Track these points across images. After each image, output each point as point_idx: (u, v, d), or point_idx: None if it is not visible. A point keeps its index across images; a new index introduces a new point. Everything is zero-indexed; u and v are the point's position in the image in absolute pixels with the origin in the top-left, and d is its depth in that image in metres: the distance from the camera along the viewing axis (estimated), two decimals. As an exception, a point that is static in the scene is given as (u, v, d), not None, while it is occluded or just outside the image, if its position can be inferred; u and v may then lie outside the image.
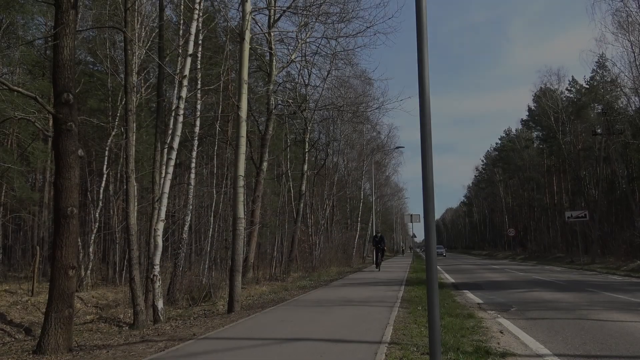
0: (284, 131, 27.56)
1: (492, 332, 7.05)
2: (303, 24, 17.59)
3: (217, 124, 18.94)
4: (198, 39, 13.06)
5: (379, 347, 5.66)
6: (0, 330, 11.31)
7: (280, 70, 19.70)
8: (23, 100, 14.56)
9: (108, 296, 16.07)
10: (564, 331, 7.04)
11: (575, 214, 32.57)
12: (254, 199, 18.74)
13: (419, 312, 8.69)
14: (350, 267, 29.64)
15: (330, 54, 19.68)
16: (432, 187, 4.07)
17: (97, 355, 6.12)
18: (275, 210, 26.49)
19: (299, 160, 27.17)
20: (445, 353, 5.22)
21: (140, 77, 17.97)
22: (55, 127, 6.63)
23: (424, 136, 4.06)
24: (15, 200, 20.35)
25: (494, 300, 11.20)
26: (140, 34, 13.23)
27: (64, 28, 6.56)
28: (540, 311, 9.38)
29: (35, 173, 25.44)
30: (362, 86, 27.17)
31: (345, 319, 8.05)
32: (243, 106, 10.70)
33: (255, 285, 16.62)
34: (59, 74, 6.55)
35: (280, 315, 8.76)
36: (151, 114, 21.53)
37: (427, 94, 4.11)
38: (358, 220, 41.07)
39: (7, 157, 18.84)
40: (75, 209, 6.58)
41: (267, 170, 20.82)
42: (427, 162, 4.05)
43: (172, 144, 11.18)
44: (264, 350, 5.71)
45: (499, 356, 5.36)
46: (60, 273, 6.39)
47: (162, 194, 10.87)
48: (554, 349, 5.84)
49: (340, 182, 37.07)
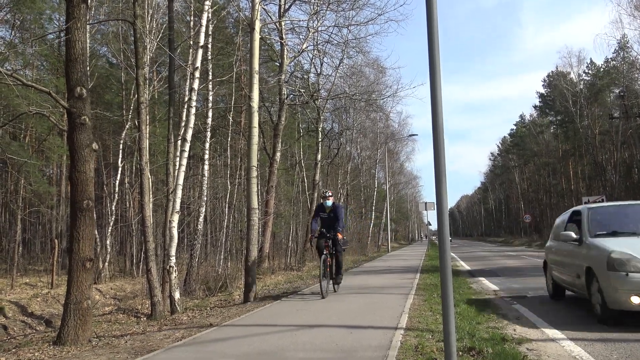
0: (296, 121, 27.57)
1: (508, 318, 7.01)
2: (314, 13, 17.47)
3: (229, 115, 18.99)
4: (209, 30, 13.07)
5: (394, 334, 5.67)
6: (22, 322, 11.53)
7: (292, 60, 19.64)
8: (38, 96, 14.72)
9: (126, 288, 16.29)
10: (580, 317, 6.97)
11: (593, 199, 32.17)
12: (267, 189, 18.77)
13: (434, 299, 8.67)
14: (365, 256, 29.66)
15: (342, 42, 19.53)
16: (444, 174, 4.03)
17: (116, 345, 6.22)
18: (289, 200, 26.57)
19: (312, 150, 27.15)
20: (461, 340, 5.21)
21: (153, 70, 18.03)
22: (69, 121, 6.68)
23: (436, 123, 4.02)
24: (33, 195, 20.64)
25: (510, 287, 11.14)
26: (151, 27, 13.26)
27: (75, 22, 6.58)
28: (556, 297, 9.29)
29: (52, 167, 25.76)
30: (374, 74, 26.99)
31: (360, 307, 8.07)
32: (255, 97, 10.69)
33: (271, 275, 16.72)
34: (72, 68, 6.60)
35: (295, 304, 8.80)
36: (164, 107, 21.65)
37: (439, 81, 4.06)
38: (372, 209, 41.03)
39: (24, 152, 19.09)
40: (91, 202, 6.65)
41: (280, 161, 20.84)
42: (439, 149, 4.02)
43: (185, 135, 11.24)
44: (279, 337, 5.75)
45: (515, 342, 5.33)
46: (78, 265, 6.47)
47: (177, 186, 10.95)
48: (570, 335, 5.80)
49: (353, 171, 37.03)
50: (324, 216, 9.83)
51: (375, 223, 42.75)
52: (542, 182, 62.39)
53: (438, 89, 4.04)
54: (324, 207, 9.85)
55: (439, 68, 4.07)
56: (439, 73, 4.07)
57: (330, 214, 9.79)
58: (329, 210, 9.81)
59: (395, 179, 52.21)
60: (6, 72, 7.11)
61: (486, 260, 23.40)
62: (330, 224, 9.72)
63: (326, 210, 9.83)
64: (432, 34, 4.07)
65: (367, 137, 39.04)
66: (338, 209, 9.78)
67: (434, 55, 4.06)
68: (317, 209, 10.14)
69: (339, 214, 9.69)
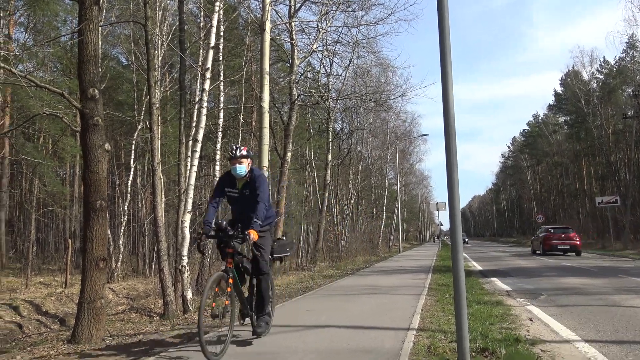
0: (307, 121, 27.57)
1: (521, 319, 6.96)
2: (323, 13, 17.46)
3: (240, 115, 19.04)
4: (220, 31, 13.11)
5: (407, 334, 5.65)
6: (37, 321, 11.66)
7: (302, 60, 19.62)
8: (51, 97, 14.87)
9: (138, 287, 16.40)
10: (595, 318, 6.91)
11: (606, 199, 31.91)
12: (278, 189, 18.76)
13: (446, 299, 8.63)
14: (376, 256, 29.62)
15: (352, 42, 19.51)
16: (456, 174, 4.01)
17: (129, 343, 6.26)
18: (300, 200, 26.59)
19: (322, 150, 27.17)
20: (474, 340, 5.18)
21: (164, 71, 18.15)
22: (82, 122, 6.73)
23: (447, 122, 4.00)
24: (47, 195, 20.86)
25: (523, 288, 11.06)
26: (162, 28, 13.34)
27: (88, 24, 6.64)
28: (570, 298, 9.22)
29: (66, 168, 26.01)
30: (384, 74, 26.93)
31: (372, 307, 8.05)
32: (265, 97, 10.72)
33: (282, 275, 16.74)
34: (84, 69, 6.65)
35: (307, 304, 8.80)
36: (175, 107, 21.78)
37: (450, 80, 4.04)
38: (383, 209, 40.93)
39: (38, 153, 19.30)
40: (104, 202, 6.70)
41: (291, 161, 20.85)
42: (450, 148, 4.00)
43: (196, 136, 11.28)
44: (290, 337, 5.75)
45: (529, 343, 5.29)
46: (92, 265, 6.52)
47: (188, 186, 10.99)
48: (585, 336, 5.75)
49: (364, 171, 36.99)
50: (234, 194, 5.43)
51: (387, 223, 42.63)
52: (555, 182, 61.88)
53: (450, 88, 4.02)
54: (233, 179, 5.40)
55: (450, 68, 4.05)
56: (450, 73, 4.05)
57: (244, 191, 5.37)
58: (243, 182, 5.39)
59: (406, 179, 52.03)
60: (20, 73, 7.19)
61: (498, 260, 23.26)
62: (246, 208, 5.31)
63: (237, 183, 5.41)
64: (444, 34, 4.05)
65: (378, 137, 38.97)
66: (257, 180, 5.31)
67: (445, 55, 4.04)
68: (221, 182, 5.55)
69: (259, 189, 5.27)
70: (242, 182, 5.40)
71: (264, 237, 5.36)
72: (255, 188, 5.28)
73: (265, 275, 5.37)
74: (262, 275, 5.36)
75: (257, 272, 5.36)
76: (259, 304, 5.45)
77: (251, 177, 5.35)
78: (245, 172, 5.32)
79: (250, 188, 5.33)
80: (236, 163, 5.26)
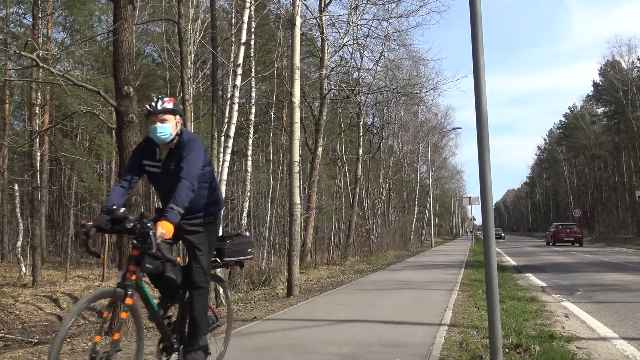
0: (338, 115, 27.54)
1: (556, 316, 6.82)
2: (354, 7, 17.41)
3: (271, 111, 19.14)
4: (251, 27, 13.21)
5: (438, 330, 5.61)
6: (76, 312, 12.01)
7: (333, 55, 19.63)
8: (88, 95, 15.24)
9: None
10: (633, 315, 6.72)
11: (647, 192, 30.87)
12: (309, 184, 18.88)
13: (479, 295, 8.53)
14: (408, 251, 29.46)
15: (383, 35, 19.41)
16: (489, 168, 3.95)
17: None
18: (331, 194, 26.62)
19: (353, 145, 27.12)
20: (507, 337, 5.10)
21: (196, 68, 18.38)
22: (118, 119, 6.89)
23: (480, 116, 3.94)
24: (84, 191, 21.45)
25: (559, 284, 10.83)
26: (194, 26, 13.51)
27: (122, 23, 6.78)
28: (608, 294, 8.99)
29: (102, 164, 26.67)
30: (415, 67, 26.65)
31: (403, 302, 8.02)
32: (296, 92, 10.75)
33: (313, 269, 16.81)
34: (120, 67, 6.80)
35: (338, 298, 8.83)
36: (208, 104, 22.03)
37: (482, 73, 3.98)
38: (415, 203, 40.62)
39: (76, 150, 19.85)
40: (139, 198, 6.85)
41: (322, 156, 20.90)
42: (482, 142, 3.94)
43: (228, 132, 11.42)
44: (321, 331, 5.78)
45: (564, 340, 5.18)
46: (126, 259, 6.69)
47: (220, 181, 11.13)
48: (623, 333, 5.60)
49: (395, 165, 36.75)
50: (155, 169, 3.56)
51: (419, 218, 42.32)
52: (593, 176, 60.23)
53: (482, 81, 3.96)
54: (154, 146, 3.55)
55: (482, 60, 3.98)
56: (482, 65, 3.98)
57: (169, 164, 3.49)
58: (168, 150, 3.52)
59: (439, 173, 51.48)
60: (58, 72, 7.40)
61: (533, 255, 22.81)
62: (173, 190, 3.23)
63: (160, 152, 3.55)
64: (476, 25, 3.99)
65: (409, 131, 38.65)
66: (187, 147, 3.42)
67: (477, 47, 3.97)
68: (137, 152, 3.67)
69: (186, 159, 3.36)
70: (166, 150, 3.52)
71: (203, 233, 3.65)
72: (181, 158, 3.37)
73: (199, 290, 3.60)
74: (197, 290, 3.59)
75: (188, 284, 3.56)
76: (191, 333, 3.67)
77: (179, 143, 3.48)
78: (171, 135, 3.45)
79: (176, 159, 3.42)
80: (157, 121, 3.41)
